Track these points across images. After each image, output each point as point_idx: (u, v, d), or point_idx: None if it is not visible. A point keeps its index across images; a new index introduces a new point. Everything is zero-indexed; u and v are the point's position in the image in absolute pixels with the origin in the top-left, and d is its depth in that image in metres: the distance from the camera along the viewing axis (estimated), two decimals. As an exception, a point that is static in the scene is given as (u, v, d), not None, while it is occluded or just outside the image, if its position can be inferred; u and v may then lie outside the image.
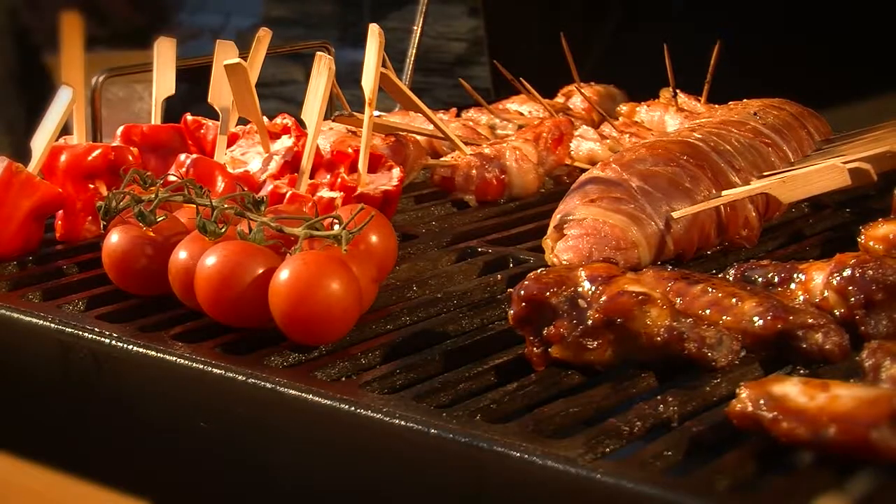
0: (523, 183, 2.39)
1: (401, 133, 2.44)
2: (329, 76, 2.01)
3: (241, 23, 5.68)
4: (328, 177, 2.10)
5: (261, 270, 1.65)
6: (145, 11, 5.73)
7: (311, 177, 2.07)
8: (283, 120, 2.24)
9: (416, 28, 3.32)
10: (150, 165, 2.19)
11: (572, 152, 2.56)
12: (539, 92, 2.78)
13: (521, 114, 2.86)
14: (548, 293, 1.55)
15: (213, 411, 1.60)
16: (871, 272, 1.59)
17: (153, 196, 1.81)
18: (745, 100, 2.51)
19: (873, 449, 1.24)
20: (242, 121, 2.21)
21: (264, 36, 2.18)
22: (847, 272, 1.60)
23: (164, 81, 2.27)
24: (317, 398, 1.49)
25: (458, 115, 2.81)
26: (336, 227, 1.68)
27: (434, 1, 3.48)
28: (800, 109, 2.47)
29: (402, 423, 1.41)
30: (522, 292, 1.57)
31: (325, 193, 2.03)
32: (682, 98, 2.84)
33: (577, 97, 2.88)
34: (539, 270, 1.60)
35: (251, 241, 1.69)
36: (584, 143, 2.60)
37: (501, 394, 1.50)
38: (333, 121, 2.44)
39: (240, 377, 1.55)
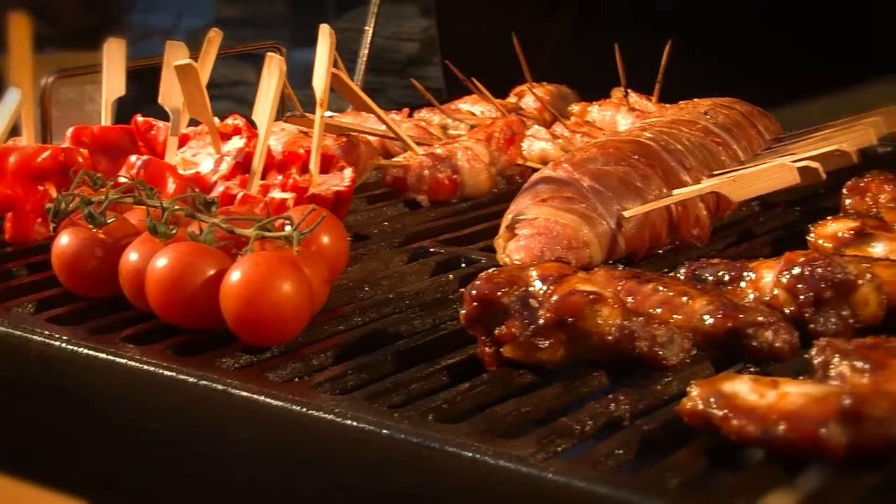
0: (475, 183, 2.40)
1: (353, 133, 2.44)
2: (280, 77, 2.00)
3: (193, 23, 5.66)
4: (280, 178, 2.09)
5: (212, 272, 1.65)
6: (96, 12, 5.70)
7: (263, 178, 2.07)
8: (235, 121, 2.23)
9: (367, 28, 3.32)
10: (100, 167, 2.17)
11: (524, 152, 2.57)
12: (491, 92, 2.78)
13: (474, 114, 2.87)
14: (499, 293, 1.55)
15: (165, 413, 1.59)
16: (819, 270, 1.60)
17: (103, 198, 1.80)
18: (695, 99, 2.52)
19: (822, 446, 1.25)
20: (194, 122, 2.20)
21: (215, 37, 2.17)
22: (796, 270, 1.61)
23: (113, 82, 2.26)
24: (268, 399, 1.48)
25: (410, 116, 2.81)
26: (287, 228, 1.68)
27: (387, 1, 3.48)
28: (750, 109, 2.48)
29: (354, 423, 1.41)
30: (474, 292, 1.57)
31: (276, 194, 2.02)
32: (634, 97, 2.86)
33: (530, 97, 2.88)
34: (491, 270, 1.61)
35: (202, 242, 1.69)
36: (536, 143, 2.61)
37: (453, 394, 1.50)
38: (285, 121, 2.44)
39: (191, 379, 1.55)
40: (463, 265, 2.01)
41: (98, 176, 1.88)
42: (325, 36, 2.12)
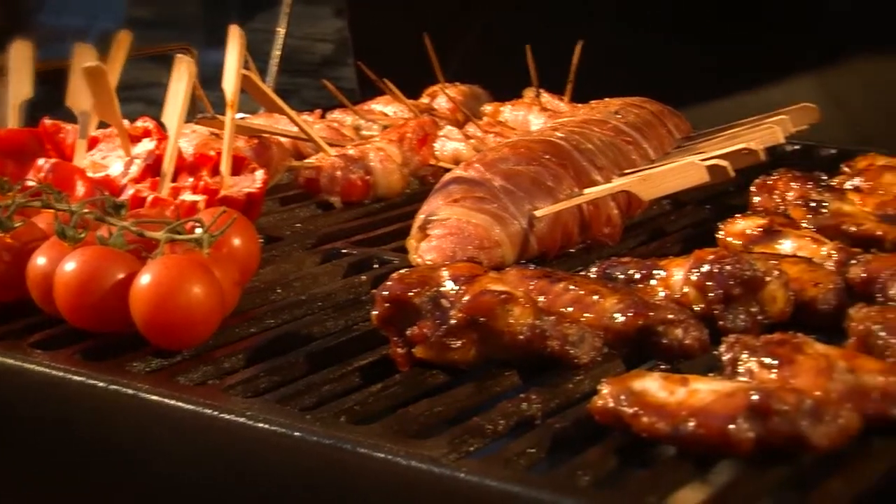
0: (388, 183, 2.39)
1: (265, 135, 2.43)
2: (189, 78, 1.99)
3: (105, 25, 5.61)
4: (190, 180, 2.08)
5: (121, 275, 1.63)
6: (3, 13, 5.63)
7: (174, 180, 2.05)
8: (145, 123, 2.21)
9: (280, 29, 3.31)
10: (7, 170, 2.14)
11: (437, 152, 2.57)
12: (405, 92, 2.78)
13: (387, 114, 2.86)
14: (411, 293, 1.55)
15: (75, 419, 1.58)
16: (728, 267, 1.61)
17: (10, 202, 1.78)
18: (606, 99, 2.53)
19: (731, 442, 1.26)
20: (103, 124, 2.18)
21: (124, 39, 2.16)
22: (705, 268, 1.63)
23: (20, 85, 2.23)
24: (180, 403, 1.47)
25: (322, 117, 2.80)
26: (198, 230, 1.67)
27: (301, 2, 3.47)
28: (660, 108, 2.50)
29: (266, 426, 1.40)
30: (385, 293, 1.57)
31: (187, 197, 2.01)
32: (546, 97, 2.87)
33: (442, 97, 2.89)
34: (402, 271, 1.61)
35: (111, 245, 1.67)
36: (449, 143, 2.61)
37: (366, 395, 1.50)
38: (196, 123, 2.42)
39: (101, 384, 1.53)
40: (375, 266, 2.00)
41: (5, 179, 1.86)
42: (234, 37, 2.11)
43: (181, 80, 1.99)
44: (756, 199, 2.08)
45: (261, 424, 1.41)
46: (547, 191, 1.98)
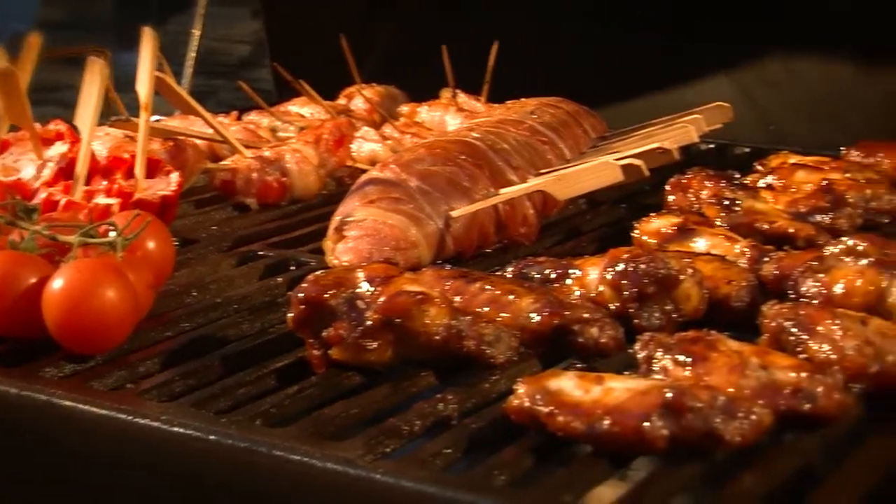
0: (304, 185, 2.38)
1: (179, 137, 2.41)
2: (102, 81, 1.98)
3: (16, 26, 5.54)
4: (104, 183, 2.06)
5: (33, 280, 1.62)
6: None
7: (87, 183, 2.03)
8: (57, 126, 2.19)
9: (195, 31, 3.29)
10: (-85, 175, 2.12)
11: (353, 153, 2.56)
12: (322, 93, 2.77)
13: (303, 116, 2.85)
14: (326, 295, 1.55)
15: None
16: (643, 266, 1.62)
17: (-81, 206, 1.76)
18: (522, 99, 2.54)
19: (645, 439, 1.27)
20: (14, 127, 2.16)
21: (34, 41, 2.13)
22: (620, 266, 1.64)
23: (-72, 89, 2.20)
24: (94, 408, 1.46)
25: (239, 119, 2.79)
26: (112, 233, 1.66)
27: (217, 3, 3.45)
28: (576, 108, 2.51)
29: (182, 430, 1.40)
30: (301, 295, 1.56)
31: (101, 200, 1.99)
32: (463, 98, 2.87)
33: (359, 98, 2.88)
34: (318, 272, 1.60)
35: (23, 250, 1.66)
36: (366, 145, 2.61)
37: (282, 397, 1.50)
38: (110, 126, 2.40)
39: (13, 389, 1.51)
40: (292, 268, 1.99)
41: (-87, 184, 1.83)
42: (147, 39, 2.09)
43: (94, 83, 1.98)
44: (671, 198, 2.10)
45: (176, 428, 1.40)
46: (463, 191, 1.98)
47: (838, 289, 1.63)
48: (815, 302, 1.62)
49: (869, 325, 1.49)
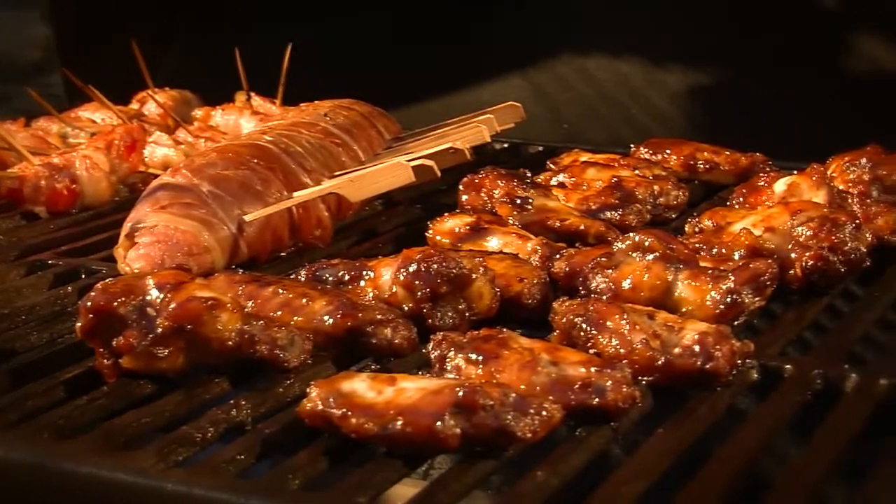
0: (96, 191, 2.34)
1: (-37, 145, 2.35)
2: None
3: None
4: None
5: None
6: None
7: None
8: None
9: (-23, 36, 3.21)
10: None
11: (147, 159, 2.53)
12: (116, 99, 2.72)
13: (94, 121, 2.81)
14: (115, 303, 1.52)
15: None
16: (435, 266, 1.63)
17: None
18: (317, 101, 2.53)
19: (438, 438, 1.28)
20: None
21: None
22: (413, 267, 1.64)
23: None
24: None
25: (27, 125, 2.73)
26: None
27: (6, 7, 3.37)
28: (370, 109, 2.51)
29: (-35, 448, 1.36)
30: (89, 304, 1.53)
31: None
32: (258, 101, 2.85)
33: (152, 103, 2.84)
34: (107, 280, 1.57)
35: None
36: (159, 150, 2.57)
37: (71, 408, 1.46)
38: None
39: None
40: (83, 276, 1.96)
41: None
42: (-74, 44, 2.03)
43: None
44: (464, 198, 2.11)
45: (-42, 446, 1.36)
46: (256, 195, 1.97)
47: (626, 284, 1.66)
48: (604, 297, 1.64)
49: (656, 318, 1.52)
